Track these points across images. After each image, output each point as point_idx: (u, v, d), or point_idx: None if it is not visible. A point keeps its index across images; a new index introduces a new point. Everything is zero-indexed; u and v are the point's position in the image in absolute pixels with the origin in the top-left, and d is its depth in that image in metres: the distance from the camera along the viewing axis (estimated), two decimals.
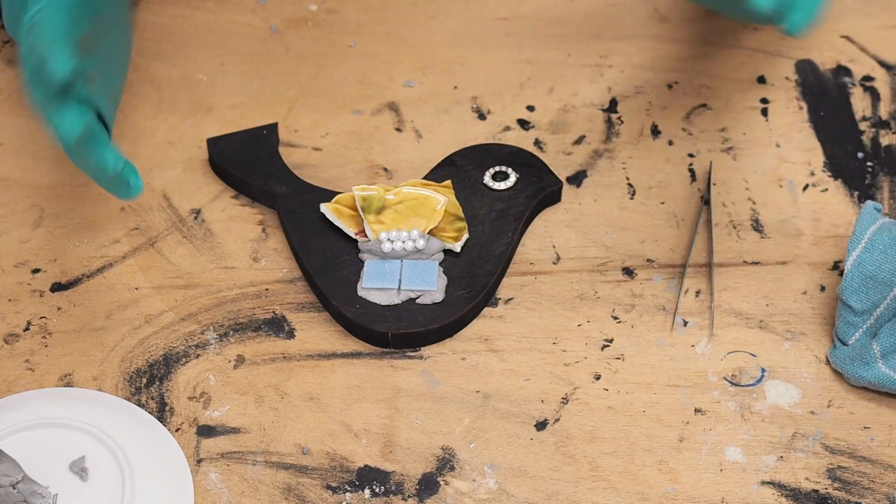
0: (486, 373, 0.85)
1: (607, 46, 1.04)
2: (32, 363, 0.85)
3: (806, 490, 0.79)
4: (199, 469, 0.80)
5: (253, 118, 0.99)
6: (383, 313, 0.86)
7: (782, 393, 0.84)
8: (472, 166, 0.94)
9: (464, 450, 0.81)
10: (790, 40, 1.04)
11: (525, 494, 0.79)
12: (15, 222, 0.92)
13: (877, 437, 0.82)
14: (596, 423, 0.82)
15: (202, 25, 1.06)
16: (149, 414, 0.82)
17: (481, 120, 0.99)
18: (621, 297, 0.88)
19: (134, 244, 0.91)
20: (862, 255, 0.83)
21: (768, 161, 0.96)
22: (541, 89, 1.01)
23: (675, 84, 1.01)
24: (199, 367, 0.85)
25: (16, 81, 1.00)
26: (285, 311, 0.88)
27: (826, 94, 1.01)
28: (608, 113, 0.99)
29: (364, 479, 0.80)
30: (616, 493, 0.79)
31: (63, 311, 0.88)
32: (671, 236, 0.92)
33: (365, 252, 0.88)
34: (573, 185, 0.95)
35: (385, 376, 0.85)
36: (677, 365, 0.85)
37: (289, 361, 0.85)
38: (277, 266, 0.90)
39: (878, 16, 1.06)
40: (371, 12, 1.05)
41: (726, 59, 1.03)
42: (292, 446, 0.81)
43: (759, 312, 0.88)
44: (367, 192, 0.89)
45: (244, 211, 0.93)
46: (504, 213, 0.91)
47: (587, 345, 0.86)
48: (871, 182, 0.95)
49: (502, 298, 0.89)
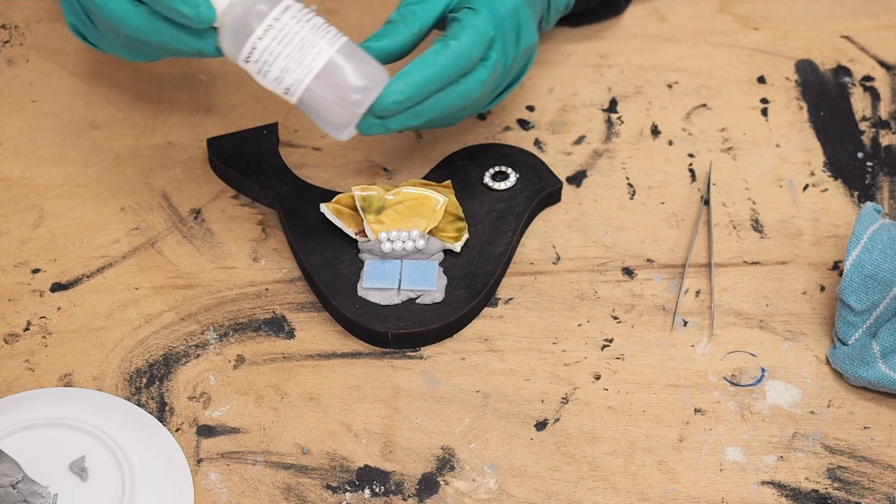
0: (486, 373, 0.85)
1: (607, 46, 1.04)
2: (32, 363, 0.85)
3: (806, 490, 0.79)
4: (198, 469, 0.80)
5: (253, 118, 0.99)
6: (383, 313, 0.86)
7: (782, 393, 0.84)
8: (472, 166, 0.94)
9: (464, 450, 0.81)
10: (790, 40, 1.04)
11: (525, 494, 0.79)
12: (15, 222, 0.92)
13: (877, 437, 0.82)
14: (596, 423, 0.83)
15: None
16: (149, 414, 0.82)
17: (481, 120, 0.99)
18: (621, 297, 0.88)
19: (134, 244, 0.91)
20: (861, 255, 0.83)
21: (768, 161, 0.96)
22: (541, 89, 1.01)
23: (674, 84, 1.01)
24: (199, 367, 0.85)
25: (16, 81, 1.00)
26: (285, 311, 0.88)
27: (826, 94, 1.01)
28: (608, 113, 0.99)
29: (364, 479, 0.80)
30: (616, 493, 0.79)
31: (63, 310, 0.88)
32: (671, 236, 0.92)
33: (365, 252, 0.88)
34: (573, 185, 0.95)
35: (385, 376, 0.85)
36: (677, 365, 0.85)
37: (289, 361, 0.85)
38: (277, 266, 0.90)
39: (877, 16, 1.06)
40: (371, 12, 1.05)
41: (726, 59, 1.03)
42: (292, 446, 0.81)
43: (759, 312, 0.88)
44: (367, 192, 0.89)
45: (244, 211, 0.93)
46: (504, 213, 0.91)
47: (587, 345, 0.86)
48: (871, 182, 0.95)
49: (502, 298, 0.89)
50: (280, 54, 0.79)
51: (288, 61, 0.79)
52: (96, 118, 0.98)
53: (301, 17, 0.79)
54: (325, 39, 0.80)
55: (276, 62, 0.79)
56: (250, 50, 0.79)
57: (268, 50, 0.79)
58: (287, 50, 0.79)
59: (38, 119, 0.98)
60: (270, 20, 0.79)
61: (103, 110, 0.99)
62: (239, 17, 0.79)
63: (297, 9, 0.79)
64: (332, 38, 0.80)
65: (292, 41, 0.79)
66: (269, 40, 0.79)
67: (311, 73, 0.79)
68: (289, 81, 0.80)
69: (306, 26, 0.79)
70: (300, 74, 0.79)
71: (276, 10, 0.79)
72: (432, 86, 0.81)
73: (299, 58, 0.79)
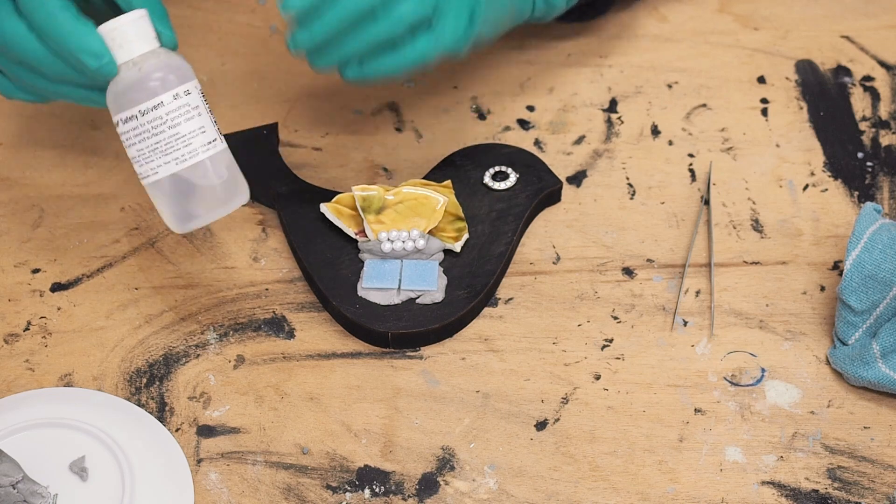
0: (485, 373, 0.85)
1: (607, 46, 1.04)
2: (32, 363, 0.85)
3: (806, 490, 0.79)
4: (199, 469, 0.80)
5: (253, 118, 0.99)
6: (383, 313, 0.86)
7: (782, 393, 0.84)
8: (473, 166, 0.94)
9: (464, 450, 0.81)
10: (790, 40, 1.04)
11: (525, 494, 0.79)
12: (15, 222, 0.92)
13: (877, 437, 0.82)
14: (596, 423, 0.82)
15: (202, 25, 1.06)
16: (149, 414, 0.82)
17: (481, 120, 0.99)
18: (621, 297, 0.88)
19: (134, 244, 0.91)
20: (861, 255, 0.83)
21: (768, 161, 0.96)
22: (541, 89, 1.01)
23: (674, 84, 1.01)
24: (199, 367, 0.85)
25: None
26: (285, 311, 0.88)
27: (826, 94, 1.01)
28: (608, 113, 0.99)
29: (364, 479, 0.80)
30: (616, 494, 0.79)
31: (63, 310, 0.88)
32: (671, 236, 0.92)
33: (365, 252, 0.88)
34: (573, 185, 0.95)
35: (385, 376, 0.85)
36: (677, 365, 0.85)
37: (289, 361, 0.85)
38: (277, 266, 0.90)
39: (877, 16, 1.06)
40: None
41: (726, 59, 1.03)
42: (292, 446, 0.81)
43: (758, 312, 0.88)
44: (367, 192, 0.89)
45: (244, 211, 0.93)
46: (504, 213, 0.91)
47: (587, 345, 0.86)
48: (871, 182, 0.95)
49: (502, 298, 0.89)
50: (134, 145, 0.78)
51: (138, 154, 0.78)
52: (96, 118, 0.98)
53: (169, 118, 0.77)
54: (179, 153, 0.78)
55: (130, 147, 0.78)
56: (116, 121, 0.78)
57: (126, 134, 0.78)
58: (140, 145, 0.78)
59: (38, 119, 0.98)
60: (135, 111, 0.77)
61: (103, 110, 0.98)
62: (122, 86, 0.77)
63: (169, 109, 0.78)
64: (184, 153, 0.78)
65: (147, 139, 0.78)
66: (129, 127, 0.78)
67: (148, 179, 0.79)
68: (137, 169, 0.79)
69: (165, 134, 0.77)
70: (144, 172, 0.79)
71: (147, 104, 0.77)
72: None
73: (147, 158, 0.78)
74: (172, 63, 0.78)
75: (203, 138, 0.78)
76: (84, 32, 0.76)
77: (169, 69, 0.78)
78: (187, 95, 0.78)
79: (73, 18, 0.76)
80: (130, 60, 0.77)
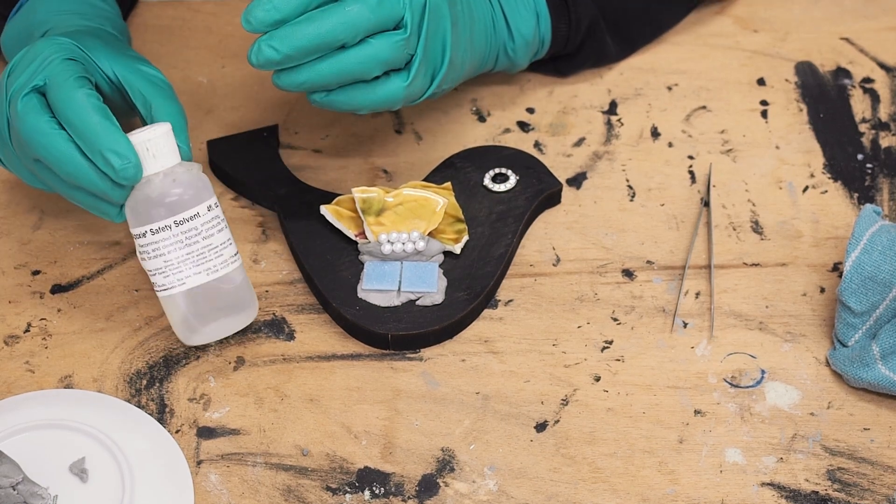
0: (485, 374, 0.85)
1: None
2: (33, 365, 0.85)
3: (806, 491, 0.79)
4: (199, 470, 0.80)
5: (253, 120, 0.99)
6: (383, 315, 0.86)
7: (782, 394, 0.84)
8: (472, 168, 0.94)
9: (464, 451, 0.81)
10: (790, 42, 1.04)
11: (525, 496, 0.79)
12: (15, 224, 0.92)
13: (876, 439, 0.82)
14: (596, 424, 0.83)
15: (202, 28, 1.06)
16: (149, 415, 0.82)
17: (481, 122, 0.99)
18: (621, 299, 0.89)
19: (134, 246, 0.91)
20: (861, 257, 0.83)
21: (768, 163, 0.96)
22: (540, 91, 1.01)
23: (674, 86, 1.01)
24: (199, 369, 0.85)
25: None
26: (285, 312, 0.88)
27: (826, 96, 1.01)
28: (608, 115, 1.00)
29: (364, 480, 0.80)
30: (616, 495, 0.79)
31: (63, 312, 0.88)
32: (671, 238, 0.92)
33: (365, 254, 0.88)
34: (573, 186, 0.95)
35: (385, 378, 0.85)
36: (677, 366, 0.85)
37: (289, 363, 0.85)
38: (277, 268, 0.90)
39: (877, 18, 1.07)
40: None
41: (726, 61, 1.03)
42: (292, 448, 0.81)
43: (758, 314, 0.88)
44: (367, 194, 0.89)
45: (244, 213, 0.93)
46: (504, 215, 0.91)
47: (587, 346, 0.86)
48: (871, 184, 0.95)
49: (502, 300, 0.89)
50: (161, 255, 0.79)
51: (165, 265, 0.79)
52: None
53: (204, 229, 0.79)
54: (210, 263, 0.80)
55: (156, 258, 0.79)
56: (141, 231, 0.79)
57: (153, 245, 0.79)
58: (169, 255, 0.79)
59: None
60: (170, 221, 0.78)
61: None
62: (154, 196, 0.78)
63: (204, 220, 0.79)
64: (215, 264, 0.80)
65: (179, 250, 0.79)
66: (159, 238, 0.79)
67: (172, 290, 0.80)
68: (158, 280, 0.80)
69: (199, 244, 0.79)
70: (168, 283, 0.80)
71: (183, 215, 0.79)
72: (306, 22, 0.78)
73: (175, 269, 0.80)
74: (202, 176, 0.80)
75: (231, 250, 0.81)
76: (114, 132, 0.77)
77: (201, 182, 0.80)
78: (217, 208, 0.80)
79: (106, 118, 0.77)
80: (161, 171, 0.78)
